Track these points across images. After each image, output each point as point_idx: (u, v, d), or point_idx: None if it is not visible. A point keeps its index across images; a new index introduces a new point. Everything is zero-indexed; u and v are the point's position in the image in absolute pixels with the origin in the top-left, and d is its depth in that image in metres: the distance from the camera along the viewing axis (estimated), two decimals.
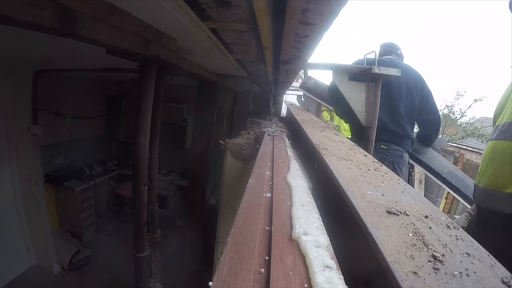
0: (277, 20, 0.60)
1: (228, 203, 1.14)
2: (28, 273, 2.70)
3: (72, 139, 3.36)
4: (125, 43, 0.61)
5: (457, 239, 0.33)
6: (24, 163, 2.57)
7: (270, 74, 1.33)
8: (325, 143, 0.88)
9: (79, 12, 0.45)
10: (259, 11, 0.49)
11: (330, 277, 0.27)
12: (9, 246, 2.51)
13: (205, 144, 2.27)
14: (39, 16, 0.38)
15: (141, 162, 0.93)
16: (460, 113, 10.26)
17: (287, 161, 0.75)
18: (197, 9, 0.55)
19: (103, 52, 0.72)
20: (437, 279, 0.25)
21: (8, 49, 1.44)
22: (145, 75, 0.85)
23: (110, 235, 3.58)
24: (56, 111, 2.85)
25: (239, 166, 1.11)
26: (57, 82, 2.79)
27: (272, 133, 1.22)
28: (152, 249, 1.13)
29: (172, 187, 3.81)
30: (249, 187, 0.52)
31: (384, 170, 0.65)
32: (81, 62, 1.88)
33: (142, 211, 0.98)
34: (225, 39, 0.78)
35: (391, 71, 1.13)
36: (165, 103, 1.15)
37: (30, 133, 2.51)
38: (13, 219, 2.59)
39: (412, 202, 0.45)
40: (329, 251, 0.31)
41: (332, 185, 0.53)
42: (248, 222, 0.38)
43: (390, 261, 0.27)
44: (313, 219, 0.40)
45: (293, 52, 0.80)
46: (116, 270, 2.91)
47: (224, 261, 0.29)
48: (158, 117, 1.11)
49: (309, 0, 0.43)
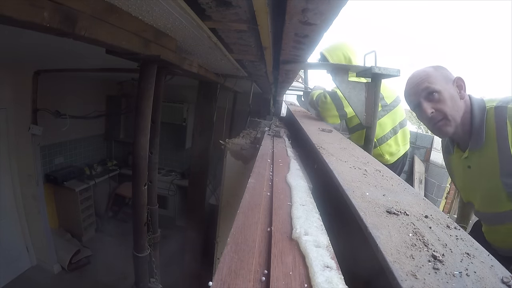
0: (277, 20, 0.60)
1: (228, 203, 1.14)
2: (28, 273, 2.70)
3: (72, 139, 3.36)
4: (125, 43, 0.61)
5: (457, 239, 0.33)
6: (24, 163, 2.57)
7: (270, 74, 1.33)
8: (325, 142, 0.88)
9: (79, 12, 0.45)
10: (259, 11, 0.49)
11: (330, 277, 0.27)
12: (9, 246, 2.51)
13: (205, 144, 2.27)
14: (39, 16, 0.38)
15: (141, 162, 0.93)
16: None
17: (287, 161, 0.75)
18: (197, 9, 0.55)
19: (103, 52, 0.73)
20: (437, 279, 0.25)
21: (8, 49, 1.44)
22: (145, 75, 0.85)
23: (110, 235, 3.58)
24: (56, 111, 2.85)
25: (239, 166, 1.12)
26: (57, 82, 2.79)
27: (272, 133, 1.22)
28: (152, 249, 1.13)
29: (172, 187, 3.81)
30: (249, 187, 0.52)
31: (385, 170, 0.65)
32: (81, 62, 1.88)
33: (142, 211, 0.98)
34: (225, 39, 0.78)
35: (391, 71, 1.13)
36: (165, 103, 1.15)
37: (30, 133, 2.51)
38: (13, 219, 2.59)
39: (412, 202, 0.45)
40: (329, 251, 0.31)
41: (332, 185, 0.53)
42: (248, 222, 0.38)
43: (390, 261, 0.27)
44: (313, 219, 0.40)
45: (293, 52, 0.81)
46: (116, 270, 2.91)
47: (224, 261, 0.29)
48: (158, 117, 1.11)
49: (309, 0, 0.43)
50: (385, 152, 1.76)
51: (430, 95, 0.95)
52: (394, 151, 1.76)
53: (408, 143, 1.87)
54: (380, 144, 1.74)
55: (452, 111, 0.93)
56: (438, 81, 0.95)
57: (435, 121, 0.95)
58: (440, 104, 0.93)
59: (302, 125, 1.25)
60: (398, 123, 1.76)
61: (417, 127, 11.59)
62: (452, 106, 0.93)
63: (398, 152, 1.78)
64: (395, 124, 1.75)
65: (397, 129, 1.76)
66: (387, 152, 1.75)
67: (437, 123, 0.95)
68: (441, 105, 0.93)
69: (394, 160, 1.79)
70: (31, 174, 2.59)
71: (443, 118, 0.94)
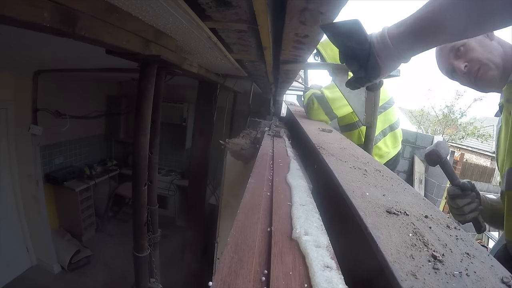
0: (277, 20, 0.60)
1: (228, 203, 1.14)
2: (28, 273, 2.71)
3: (72, 139, 3.37)
4: (125, 43, 0.61)
5: (457, 239, 0.33)
6: (24, 163, 2.58)
7: (270, 74, 1.33)
8: (325, 142, 0.88)
9: (79, 12, 0.45)
10: (259, 11, 0.49)
11: (330, 277, 0.27)
12: (9, 246, 2.52)
13: (205, 144, 2.27)
14: (39, 16, 0.38)
15: (141, 162, 0.93)
16: (460, 113, 10.27)
17: (287, 161, 0.75)
18: (197, 9, 0.55)
19: (103, 52, 0.73)
20: (437, 279, 0.25)
21: (8, 49, 1.44)
22: (145, 75, 0.85)
23: (110, 235, 3.59)
24: (56, 111, 2.85)
25: (239, 166, 1.12)
26: (57, 82, 2.80)
27: (272, 133, 1.22)
28: (152, 249, 1.13)
29: (172, 187, 3.81)
30: (249, 187, 0.52)
31: (385, 170, 0.65)
32: (81, 62, 1.88)
33: (142, 211, 0.98)
34: (225, 39, 0.78)
35: None
36: (165, 103, 1.15)
37: (30, 133, 2.52)
38: (13, 219, 2.59)
39: (412, 202, 0.45)
40: (329, 251, 0.31)
41: (332, 185, 0.53)
42: (248, 222, 0.38)
43: (390, 261, 0.27)
44: (313, 219, 0.40)
45: (293, 52, 0.81)
46: (116, 270, 2.92)
47: (224, 261, 0.29)
48: (158, 117, 1.11)
49: (309, 0, 0.43)
50: (374, 155, 1.73)
51: (457, 52, 0.87)
52: (383, 154, 1.76)
53: (399, 145, 1.86)
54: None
55: (486, 53, 0.83)
56: None
57: (473, 73, 0.84)
58: (470, 53, 0.84)
59: (302, 125, 1.25)
60: (388, 125, 1.75)
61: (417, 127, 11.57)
62: (484, 50, 0.83)
63: (387, 154, 1.78)
64: (385, 127, 1.75)
65: (386, 131, 1.76)
66: (376, 154, 1.75)
67: (477, 74, 0.84)
68: (471, 54, 0.84)
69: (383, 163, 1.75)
70: (31, 174, 2.60)
71: (479, 65, 0.83)
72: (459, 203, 0.88)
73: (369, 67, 0.59)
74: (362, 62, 0.59)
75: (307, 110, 1.77)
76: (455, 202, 0.90)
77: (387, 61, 0.58)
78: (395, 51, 0.55)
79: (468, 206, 0.87)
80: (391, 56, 0.57)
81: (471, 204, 0.88)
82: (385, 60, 0.58)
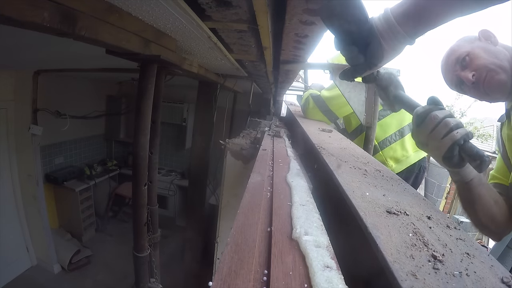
0: (277, 20, 0.60)
1: (228, 203, 1.14)
2: (28, 273, 2.70)
3: (72, 139, 3.37)
4: (125, 43, 0.61)
5: (457, 239, 0.33)
6: (24, 163, 2.58)
7: (270, 74, 1.33)
8: (325, 143, 0.88)
9: (79, 12, 0.45)
10: (259, 11, 0.49)
11: (330, 277, 0.27)
12: (9, 246, 2.51)
13: (205, 144, 2.27)
14: (39, 16, 0.38)
15: (141, 162, 0.93)
16: (460, 113, 10.27)
17: (287, 161, 0.75)
18: (197, 9, 0.55)
19: (103, 52, 0.73)
20: (437, 279, 0.25)
21: (8, 49, 1.44)
22: (145, 75, 0.85)
23: (110, 235, 3.58)
24: (56, 111, 2.85)
25: (239, 166, 1.11)
26: (57, 82, 2.80)
27: (272, 133, 1.22)
28: (152, 249, 1.13)
29: (172, 187, 3.81)
30: (249, 187, 0.52)
31: (385, 170, 0.65)
32: (81, 62, 1.88)
33: (142, 211, 0.98)
34: (225, 39, 0.78)
35: (391, 71, 1.13)
36: (165, 103, 1.15)
37: (30, 133, 2.52)
38: (13, 219, 2.59)
39: (412, 202, 0.45)
40: (329, 251, 0.31)
41: (332, 185, 0.53)
42: (248, 222, 0.38)
43: (390, 261, 0.27)
44: (313, 219, 0.40)
45: (293, 52, 0.81)
46: (116, 270, 2.92)
47: (224, 261, 0.29)
48: (158, 117, 1.11)
49: (309, 0, 0.43)
50: (388, 158, 1.54)
51: (463, 62, 0.84)
52: (399, 157, 1.54)
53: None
54: (382, 148, 1.55)
55: (491, 58, 0.80)
56: (463, 47, 0.85)
57: (481, 80, 0.80)
58: (475, 61, 0.81)
59: (302, 125, 1.25)
60: (407, 124, 1.53)
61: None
62: (489, 55, 0.81)
63: (406, 159, 1.54)
64: (402, 126, 1.54)
65: (405, 132, 1.54)
66: (391, 157, 1.54)
67: (484, 81, 0.80)
68: (477, 62, 0.81)
69: (402, 169, 1.54)
70: (31, 174, 2.60)
71: (486, 72, 0.79)
72: (439, 114, 0.54)
73: (371, 51, 0.54)
74: (361, 46, 0.53)
75: (303, 109, 1.76)
76: (431, 118, 0.54)
77: (392, 42, 0.53)
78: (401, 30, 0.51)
79: (452, 119, 0.53)
80: (396, 37, 0.52)
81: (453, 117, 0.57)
82: (389, 41, 0.53)
